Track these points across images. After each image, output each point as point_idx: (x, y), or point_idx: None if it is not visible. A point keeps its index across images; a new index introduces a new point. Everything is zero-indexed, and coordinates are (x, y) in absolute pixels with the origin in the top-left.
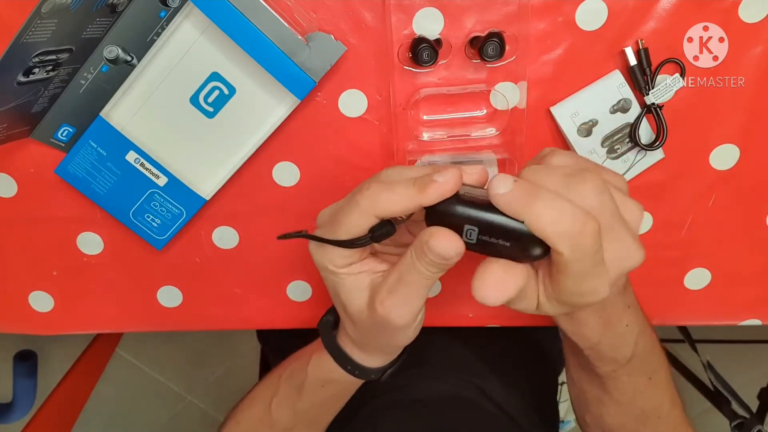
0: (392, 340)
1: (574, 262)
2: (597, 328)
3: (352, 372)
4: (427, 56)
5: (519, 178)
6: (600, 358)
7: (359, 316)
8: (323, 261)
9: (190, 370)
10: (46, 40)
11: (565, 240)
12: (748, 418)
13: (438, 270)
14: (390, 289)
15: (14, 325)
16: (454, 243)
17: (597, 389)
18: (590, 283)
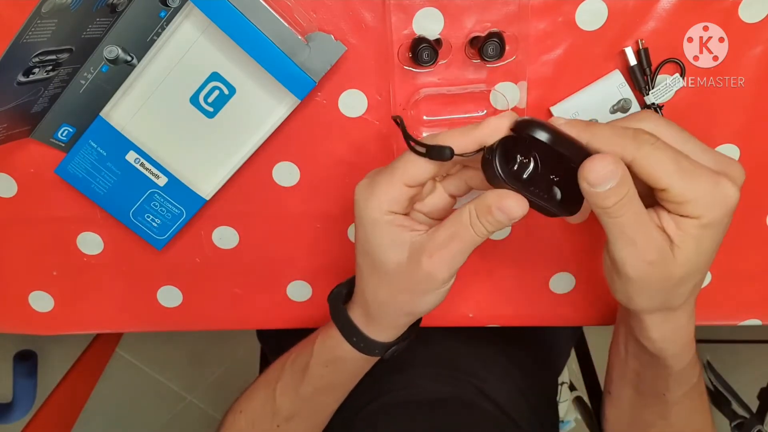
0: (416, 304)
1: (655, 160)
2: (689, 328)
3: (357, 345)
4: (427, 56)
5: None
6: (681, 379)
7: (394, 271)
8: (370, 205)
9: (190, 370)
10: (46, 40)
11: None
12: (748, 418)
13: (495, 230)
14: (441, 245)
15: (14, 325)
16: (524, 204)
17: (653, 415)
18: (704, 182)
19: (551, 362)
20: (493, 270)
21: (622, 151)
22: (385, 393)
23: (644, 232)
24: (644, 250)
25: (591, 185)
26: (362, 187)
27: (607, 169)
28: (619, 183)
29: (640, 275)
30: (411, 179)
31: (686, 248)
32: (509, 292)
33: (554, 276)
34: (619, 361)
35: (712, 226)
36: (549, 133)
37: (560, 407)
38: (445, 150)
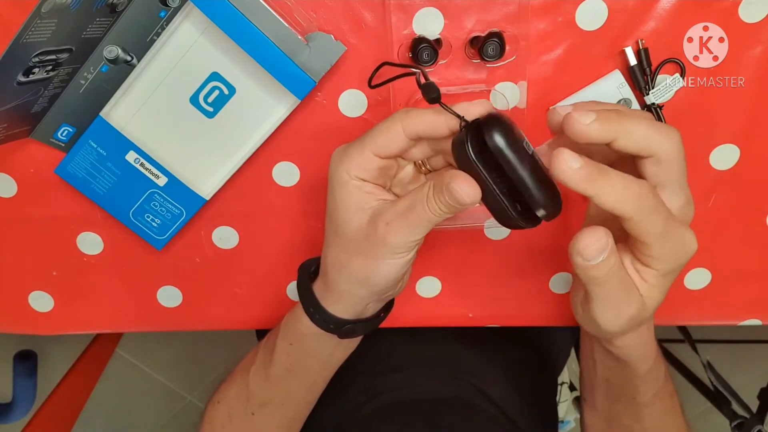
0: (372, 271)
1: (649, 223)
2: (650, 333)
3: (312, 316)
4: (427, 56)
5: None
6: (648, 380)
7: (353, 234)
8: (340, 168)
9: (190, 370)
10: (46, 40)
11: (629, 206)
12: (748, 418)
13: (448, 212)
14: (398, 213)
15: (14, 325)
16: (473, 190)
17: (628, 418)
18: (676, 239)
19: (551, 362)
20: (493, 270)
21: (622, 211)
22: (383, 392)
23: (627, 294)
24: (626, 309)
25: (586, 260)
26: (336, 153)
27: (600, 243)
28: (609, 254)
29: (620, 328)
30: (379, 149)
31: (653, 295)
32: (509, 292)
33: (554, 276)
34: (589, 370)
35: (671, 273)
36: (501, 142)
37: (560, 407)
38: (434, 92)
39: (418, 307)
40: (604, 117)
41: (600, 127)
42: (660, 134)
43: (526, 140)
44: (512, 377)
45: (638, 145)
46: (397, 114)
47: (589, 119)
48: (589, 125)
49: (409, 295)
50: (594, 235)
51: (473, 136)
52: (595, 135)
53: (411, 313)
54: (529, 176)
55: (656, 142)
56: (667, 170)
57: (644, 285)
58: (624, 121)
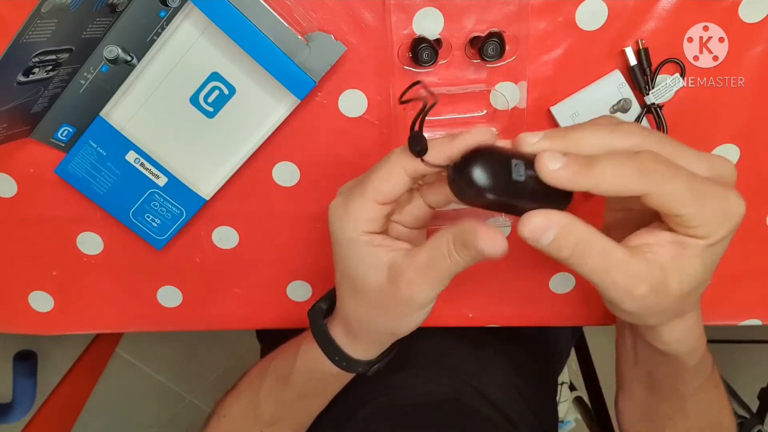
0: (397, 324)
1: (668, 192)
2: (699, 324)
3: (339, 363)
4: (427, 56)
5: (566, 152)
6: (696, 373)
7: (373, 292)
8: (345, 226)
9: (190, 370)
10: (46, 40)
11: (636, 183)
12: (748, 418)
13: (473, 260)
14: (420, 270)
15: (14, 325)
16: (502, 242)
17: (670, 408)
18: (715, 201)
19: (551, 362)
20: (493, 270)
21: (632, 190)
22: (382, 394)
23: (621, 271)
24: (629, 287)
25: (533, 241)
26: (335, 208)
27: (537, 222)
28: (560, 232)
29: (637, 307)
30: (383, 197)
31: (689, 267)
32: (509, 292)
33: (554, 276)
34: (629, 364)
35: (720, 242)
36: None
37: (560, 407)
38: (419, 144)
39: None
40: (573, 165)
41: (566, 175)
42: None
43: (516, 159)
44: (513, 377)
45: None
46: (394, 155)
47: (557, 164)
48: (556, 170)
49: None
50: (530, 216)
51: (463, 179)
52: (562, 182)
53: None
54: (521, 199)
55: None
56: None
57: (685, 255)
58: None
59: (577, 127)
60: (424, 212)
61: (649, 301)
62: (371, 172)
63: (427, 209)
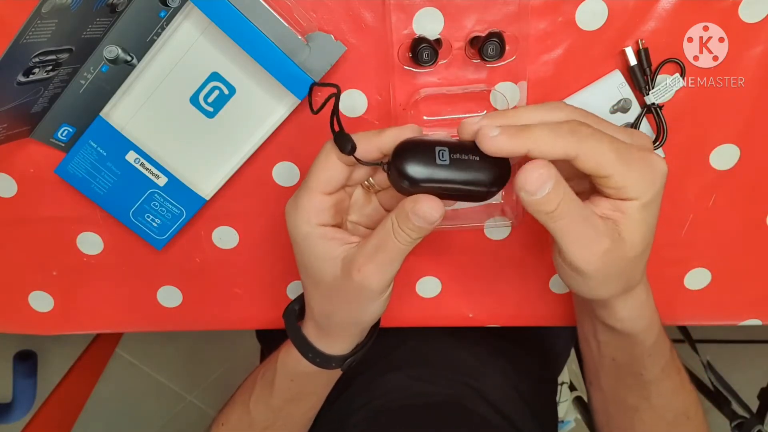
0: (360, 314)
1: (596, 151)
2: (650, 301)
3: (313, 360)
4: (427, 56)
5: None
6: (655, 354)
7: (331, 285)
8: (298, 220)
9: (190, 370)
10: (46, 40)
11: (573, 143)
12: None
13: (418, 236)
14: (368, 256)
15: (14, 325)
16: (438, 205)
17: (636, 397)
18: (639, 162)
19: (551, 362)
20: (493, 270)
21: (565, 151)
22: (380, 396)
23: (590, 226)
24: (595, 244)
25: (530, 194)
26: (289, 206)
27: (541, 173)
28: (555, 184)
29: (597, 267)
30: (326, 185)
31: (634, 229)
32: (509, 292)
33: (554, 276)
34: (592, 354)
35: (652, 202)
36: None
37: (560, 407)
38: (348, 144)
39: (418, 307)
40: (508, 131)
41: (504, 141)
42: (553, 108)
43: (442, 145)
44: (512, 377)
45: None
46: (327, 145)
47: (494, 132)
48: (493, 137)
49: (409, 295)
50: (534, 167)
51: (396, 172)
52: (500, 148)
53: (411, 313)
54: (456, 180)
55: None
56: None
57: (623, 218)
58: (529, 134)
59: (513, 108)
60: (381, 214)
61: (606, 261)
62: (312, 166)
63: (384, 213)
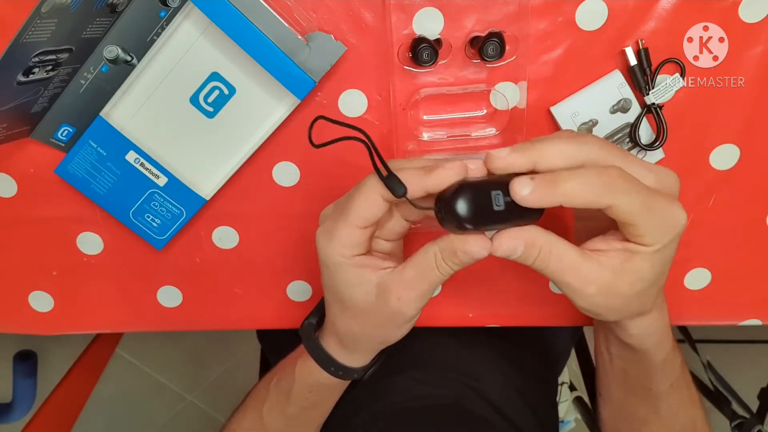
0: (388, 336)
1: (626, 204)
2: (663, 320)
3: (335, 373)
4: (427, 56)
5: (533, 176)
6: (665, 369)
7: (363, 310)
8: (331, 250)
9: (190, 370)
10: (46, 40)
11: (606, 195)
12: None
13: (459, 267)
14: (408, 285)
15: (14, 325)
16: (487, 244)
17: (645, 409)
18: (661, 212)
19: (551, 362)
20: (493, 270)
21: (598, 203)
22: (381, 398)
23: (573, 273)
24: (581, 287)
25: (505, 257)
26: (321, 235)
27: (508, 246)
28: (526, 249)
29: (588, 305)
30: (365, 221)
31: (642, 270)
32: (509, 292)
33: None
34: (605, 363)
35: (666, 248)
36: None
37: (560, 407)
38: (400, 189)
39: None
40: (540, 185)
41: (538, 197)
42: (580, 143)
43: (497, 188)
44: (513, 378)
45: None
46: (370, 180)
47: (526, 189)
48: (527, 195)
49: None
50: (499, 241)
51: (450, 215)
52: (536, 204)
53: None
54: (508, 222)
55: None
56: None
57: (633, 258)
58: (560, 188)
59: (541, 139)
60: (403, 226)
61: (598, 300)
62: (350, 198)
63: (406, 224)
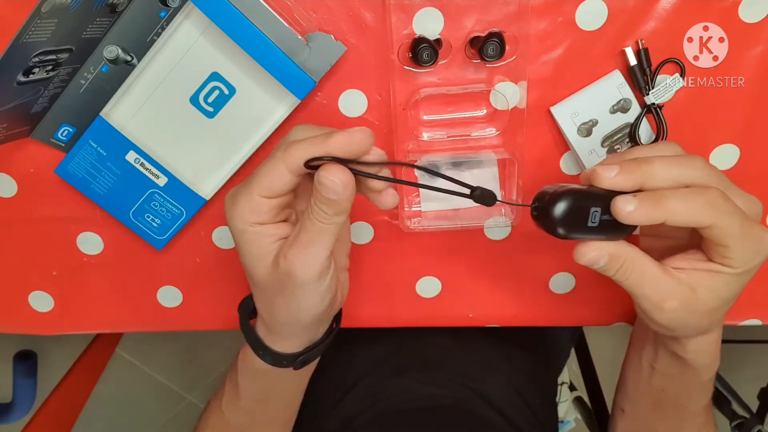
0: (296, 309)
1: (726, 226)
2: (719, 340)
3: (264, 358)
4: (427, 56)
5: (636, 193)
6: (706, 389)
7: (266, 281)
8: (234, 216)
9: (190, 370)
10: (46, 40)
11: (708, 215)
12: (748, 418)
13: (333, 211)
14: (291, 241)
15: (14, 325)
16: (340, 173)
17: (670, 427)
18: (754, 237)
19: (551, 362)
20: (493, 270)
21: (699, 223)
22: (382, 399)
23: (654, 287)
24: (660, 301)
25: (587, 265)
26: (228, 198)
27: (589, 257)
28: (610, 261)
29: (666, 320)
30: (267, 191)
31: (721, 289)
32: (509, 292)
33: (554, 276)
34: (641, 379)
35: (748, 273)
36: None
37: (560, 407)
38: (491, 197)
39: (418, 307)
40: (646, 203)
41: (641, 215)
42: (687, 167)
43: (596, 205)
44: (513, 378)
45: (684, 223)
46: (277, 152)
47: (630, 206)
48: (630, 212)
49: (409, 295)
50: (582, 252)
51: (546, 218)
52: (639, 221)
53: (411, 313)
54: (599, 237)
55: (687, 177)
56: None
57: (714, 278)
58: (664, 206)
59: (648, 160)
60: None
61: (677, 314)
62: (258, 168)
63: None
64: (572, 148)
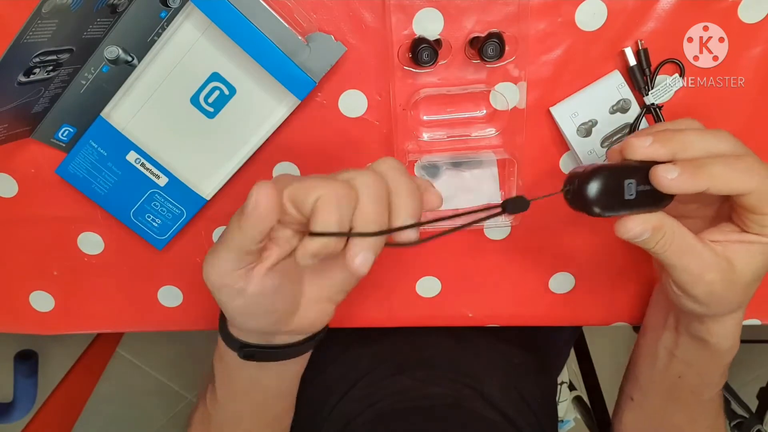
0: (230, 317)
1: (765, 191)
2: (741, 324)
3: (221, 331)
4: (427, 56)
5: (676, 162)
6: (724, 375)
7: None
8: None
9: (190, 369)
10: (47, 40)
11: (748, 180)
12: (748, 418)
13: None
14: (210, 251)
15: (14, 325)
16: (264, 193)
17: (683, 418)
18: None
19: (551, 362)
20: (493, 270)
21: (740, 189)
22: (382, 399)
23: (694, 258)
24: (701, 273)
25: (630, 240)
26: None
27: (634, 231)
28: (653, 233)
29: (705, 292)
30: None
31: (756, 262)
32: (509, 292)
33: (554, 276)
34: (657, 367)
35: None
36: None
37: (560, 407)
38: (523, 202)
39: (418, 307)
40: (688, 171)
41: (684, 181)
42: (717, 138)
43: (630, 177)
44: (512, 377)
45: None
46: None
47: (672, 174)
48: (674, 179)
49: (409, 295)
50: (626, 226)
51: (581, 197)
52: (681, 188)
53: (411, 313)
54: (637, 209)
55: (717, 147)
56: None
57: (748, 250)
58: (705, 173)
59: (681, 131)
60: None
61: (716, 287)
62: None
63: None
64: (572, 148)
